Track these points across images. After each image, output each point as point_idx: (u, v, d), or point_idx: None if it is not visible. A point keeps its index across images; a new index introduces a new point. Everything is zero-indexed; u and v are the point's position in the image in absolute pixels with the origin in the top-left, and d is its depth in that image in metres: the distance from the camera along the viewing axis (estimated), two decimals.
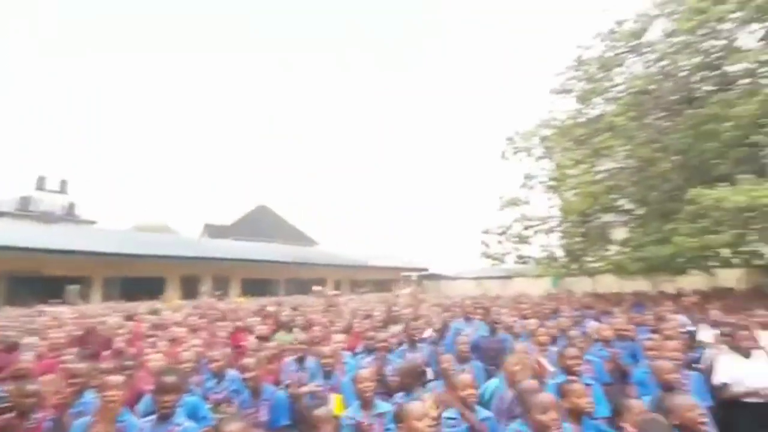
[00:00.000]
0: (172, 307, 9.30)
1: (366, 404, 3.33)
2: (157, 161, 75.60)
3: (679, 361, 4.24)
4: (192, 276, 17.65)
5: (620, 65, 10.21)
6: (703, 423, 2.76)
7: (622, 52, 10.32)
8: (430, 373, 4.60)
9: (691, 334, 5.77)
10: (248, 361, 3.79)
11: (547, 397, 2.81)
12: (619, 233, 11.51)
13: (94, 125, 72.45)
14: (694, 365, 4.76)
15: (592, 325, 6.44)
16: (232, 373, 4.04)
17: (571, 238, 11.55)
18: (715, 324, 5.67)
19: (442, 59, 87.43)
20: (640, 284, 11.99)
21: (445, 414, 3.16)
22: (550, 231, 11.86)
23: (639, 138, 8.97)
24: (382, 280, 23.88)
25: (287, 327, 6.41)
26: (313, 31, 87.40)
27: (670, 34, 9.27)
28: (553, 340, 5.60)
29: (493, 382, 4.00)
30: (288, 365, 4.59)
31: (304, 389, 4.07)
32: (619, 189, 9.92)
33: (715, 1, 8.15)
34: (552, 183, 11.09)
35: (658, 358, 4.31)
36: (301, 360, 4.60)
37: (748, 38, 8.70)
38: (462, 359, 4.62)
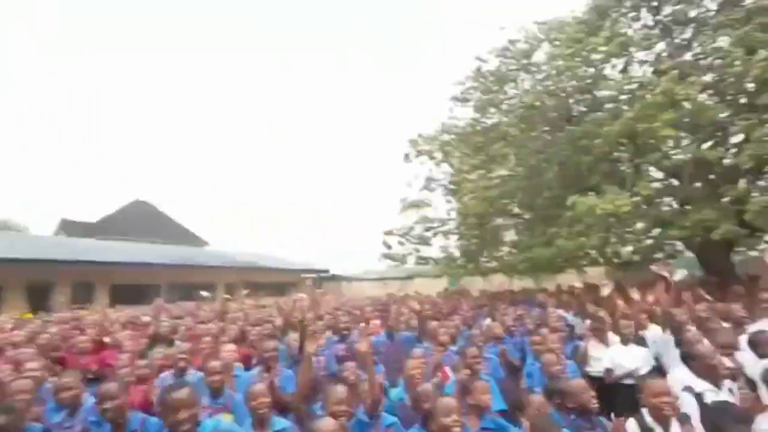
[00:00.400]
0: (16, 321, 7.83)
1: (261, 423, 3.06)
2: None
3: (560, 352, 4.80)
4: (41, 282, 15.04)
5: (513, 81, 11.15)
6: (594, 403, 3.15)
7: (515, 69, 11.28)
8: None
9: (571, 327, 6.50)
10: (108, 386, 2.97)
11: (449, 400, 2.86)
12: (510, 235, 12.58)
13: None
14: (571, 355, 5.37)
15: (486, 323, 6.95)
16: (90, 401, 3.34)
17: (468, 239, 12.31)
18: (589, 316, 6.32)
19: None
20: (526, 282, 13.21)
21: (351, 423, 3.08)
22: (449, 233, 12.54)
23: (528, 148, 9.88)
24: (281, 283, 23.25)
25: (167, 340, 5.58)
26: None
27: (552, 58, 10.34)
28: (453, 340, 5.94)
29: (398, 391, 4.00)
30: (164, 382, 4.05)
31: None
32: (510, 194, 10.80)
33: (589, 33, 9.28)
34: (452, 187, 11.73)
35: (543, 352, 4.81)
36: (181, 374, 4.15)
37: (613, 69, 10.06)
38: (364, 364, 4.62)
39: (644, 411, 2.84)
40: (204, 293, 12.83)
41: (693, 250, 9.80)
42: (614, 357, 5.13)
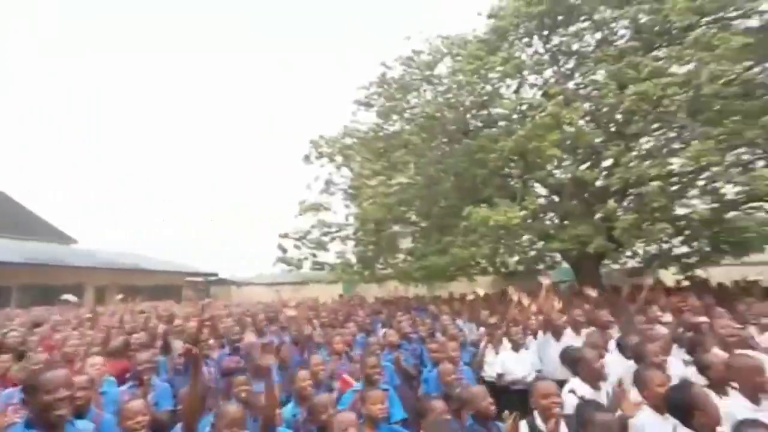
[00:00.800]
0: None
1: None
2: None
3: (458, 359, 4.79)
4: None
5: (416, 90, 11.33)
6: (493, 409, 3.21)
7: (418, 79, 11.48)
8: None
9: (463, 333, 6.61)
10: None
11: (346, 414, 2.81)
12: (406, 243, 12.71)
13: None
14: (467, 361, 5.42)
15: (382, 330, 6.80)
16: None
17: (365, 245, 12.17)
18: (483, 324, 6.53)
19: None
20: (420, 290, 13.44)
21: None
22: (347, 238, 12.29)
23: (428, 158, 10.05)
24: (163, 287, 21.04)
25: (16, 352, 4.83)
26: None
27: (454, 73, 10.71)
28: (349, 347, 5.69)
29: (290, 408, 3.78)
30: (8, 399, 3.39)
31: None
32: (408, 202, 10.88)
33: (488, 52, 9.76)
34: (352, 191, 11.50)
35: (442, 359, 4.75)
36: None
37: (508, 89, 10.72)
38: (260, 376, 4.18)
39: (535, 413, 2.87)
40: (68, 297, 10.92)
41: (569, 261, 10.74)
42: (505, 362, 5.28)
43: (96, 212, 58.60)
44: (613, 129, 9.02)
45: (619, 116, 8.54)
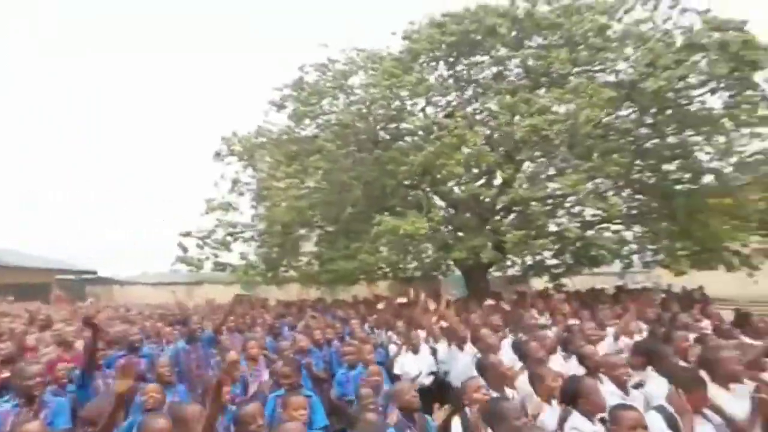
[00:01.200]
0: None
1: None
2: None
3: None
4: None
5: (331, 97, 11.57)
6: (417, 402, 3.43)
7: (332, 87, 11.74)
8: None
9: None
10: None
11: (293, 427, 2.68)
12: (309, 246, 12.82)
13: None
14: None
15: (289, 334, 6.86)
16: None
17: (270, 247, 12.05)
18: (392, 327, 6.86)
19: None
20: (323, 293, 13.64)
21: None
22: (251, 239, 12.05)
23: (340, 164, 10.38)
24: (29, 286, 18.15)
25: None
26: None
27: (368, 86, 11.20)
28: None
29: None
30: None
31: None
32: (317, 206, 11.07)
33: (403, 70, 10.43)
34: (263, 192, 11.35)
35: (357, 361, 5.04)
36: None
37: (415, 106, 11.51)
38: (165, 384, 4.00)
39: (467, 409, 3.19)
40: None
41: (461, 269, 11.83)
42: (403, 364, 5.73)
43: None
44: (503, 152, 10.19)
45: (511, 143, 9.72)
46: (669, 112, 9.33)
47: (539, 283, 12.36)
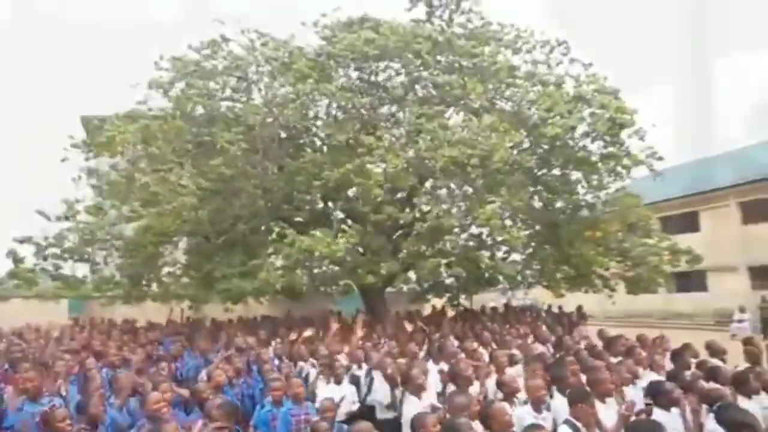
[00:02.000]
0: None
1: None
2: None
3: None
4: None
5: (221, 81, 10.12)
6: None
7: (225, 72, 10.22)
8: None
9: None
10: None
11: None
12: (171, 256, 10.95)
13: None
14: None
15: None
16: None
17: (140, 258, 10.03)
18: (306, 359, 6.62)
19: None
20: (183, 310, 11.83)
21: None
22: (115, 249, 9.85)
23: (245, 172, 9.08)
24: None
25: None
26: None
27: (276, 84, 10.06)
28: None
29: None
30: None
31: None
32: (209, 213, 9.47)
33: (320, 75, 9.60)
34: (143, 199, 9.26)
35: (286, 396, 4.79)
36: None
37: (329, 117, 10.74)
38: None
39: None
40: None
41: (359, 286, 11.39)
42: (325, 395, 5.33)
43: None
44: (418, 177, 10.07)
45: (430, 171, 9.57)
46: (559, 152, 10.37)
47: (437, 302, 12.67)
